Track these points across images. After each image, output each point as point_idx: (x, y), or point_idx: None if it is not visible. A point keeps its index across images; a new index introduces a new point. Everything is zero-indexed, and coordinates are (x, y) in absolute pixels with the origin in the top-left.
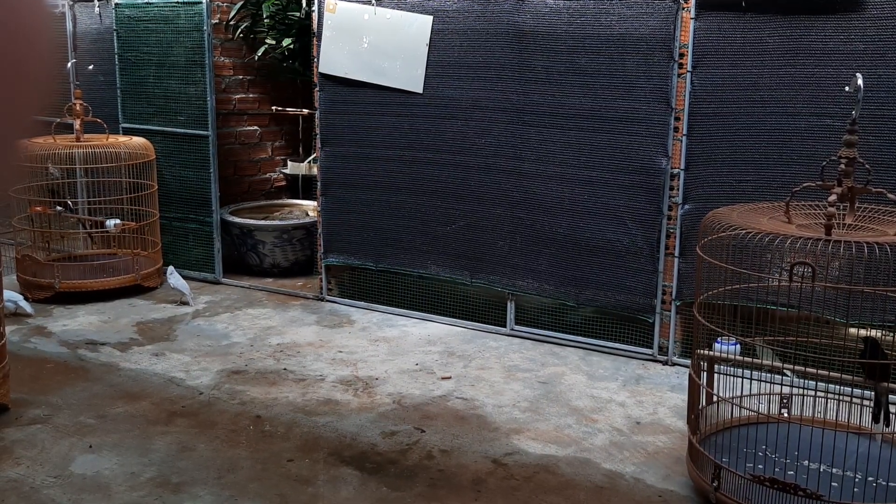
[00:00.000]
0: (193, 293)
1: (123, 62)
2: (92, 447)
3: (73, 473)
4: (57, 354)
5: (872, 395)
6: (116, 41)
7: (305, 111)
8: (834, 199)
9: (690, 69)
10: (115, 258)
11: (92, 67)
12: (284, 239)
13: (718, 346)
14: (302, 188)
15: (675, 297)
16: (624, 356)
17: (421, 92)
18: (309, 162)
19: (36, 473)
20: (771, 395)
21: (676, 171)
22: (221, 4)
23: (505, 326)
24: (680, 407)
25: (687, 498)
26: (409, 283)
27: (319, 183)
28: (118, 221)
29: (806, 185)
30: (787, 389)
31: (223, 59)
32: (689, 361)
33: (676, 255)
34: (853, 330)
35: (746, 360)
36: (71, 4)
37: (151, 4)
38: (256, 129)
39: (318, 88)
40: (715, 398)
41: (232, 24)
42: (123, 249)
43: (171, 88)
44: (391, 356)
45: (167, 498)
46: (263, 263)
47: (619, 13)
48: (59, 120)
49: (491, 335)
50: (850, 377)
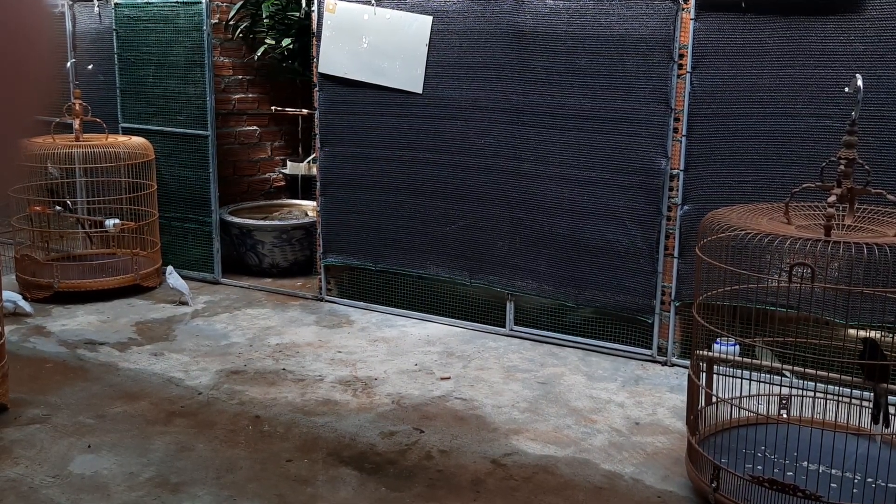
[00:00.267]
0: (192, 293)
1: (123, 62)
2: (91, 447)
3: (71, 473)
4: (56, 354)
5: (871, 396)
6: (116, 41)
7: (305, 111)
8: (833, 199)
9: (690, 70)
10: (114, 258)
11: (91, 67)
12: (284, 239)
13: (717, 346)
14: (301, 188)
15: (674, 297)
16: (623, 357)
17: (420, 92)
18: (308, 162)
19: (35, 473)
20: (770, 395)
21: (676, 171)
22: (221, 4)
23: (504, 327)
24: (679, 408)
25: (686, 499)
26: (408, 283)
27: (319, 183)
28: (117, 221)
29: (805, 185)
30: (786, 390)
31: (223, 58)
32: (688, 362)
33: (676, 255)
34: (852, 331)
35: (745, 360)
36: (70, 4)
37: (151, 4)
38: (256, 129)
39: (317, 88)
40: (714, 399)
41: (231, 23)
42: (122, 249)
43: (170, 88)
44: (390, 356)
45: (166, 498)
46: (262, 263)
47: (618, 14)
48: (58, 119)
49: (490, 335)
50: (849, 378)
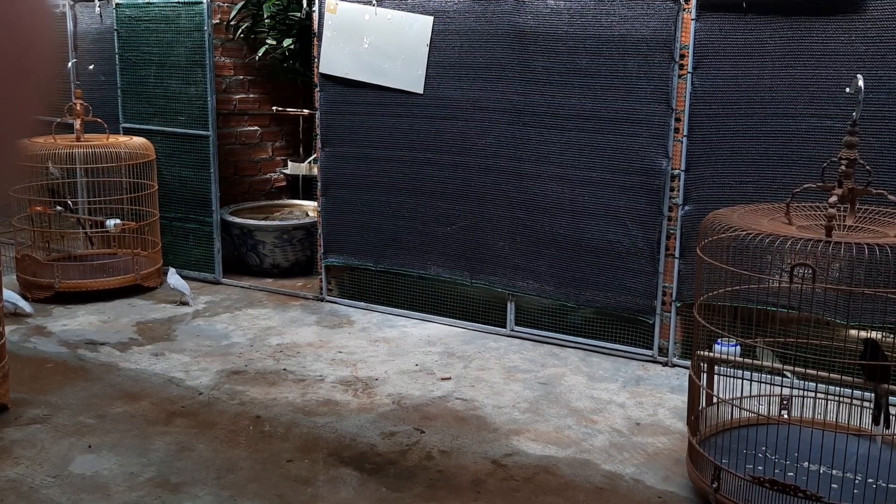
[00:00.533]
0: (193, 293)
1: (124, 62)
2: (91, 447)
3: (72, 473)
4: (56, 354)
5: (872, 396)
6: (117, 41)
7: (306, 111)
8: (834, 200)
9: (691, 70)
10: (115, 258)
11: (92, 67)
12: (284, 239)
13: (718, 347)
14: (302, 188)
15: (675, 298)
16: (624, 357)
17: (421, 92)
18: (309, 162)
19: (35, 473)
20: (771, 396)
21: (677, 172)
22: (222, 4)
23: (505, 327)
24: (680, 408)
25: (686, 499)
26: (409, 283)
27: (319, 183)
28: (118, 221)
29: (806, 186)
30: (787, 391)
31: (224, 59)
32: (689, 363)
33: (677, 256)
34: (853, 331)
35: (746, 361)
36: (72, 4)
37: (152, 4)
38: (257, 129)
39: (318, 89)
40: (715, 399)
41: (233, 24)
42: (123, 249)
43: (171, 88)
44: (391, 357)
45: (166, 498)
46: (263, 264)
47: (619, 14)
48: (59, 119)
49: (491, 336)
50: (850, 379)
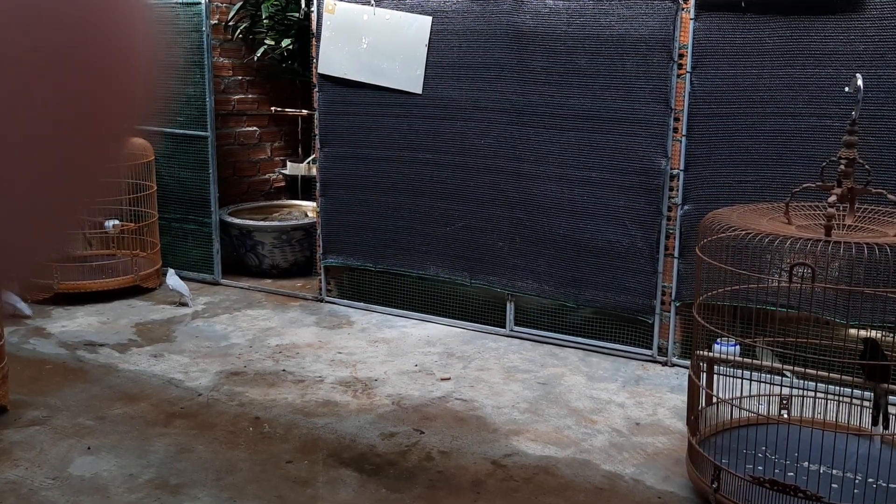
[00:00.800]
0: (192, 294)
1: None
2: (90, 449)
3: (71, 475)
4: (56, 355)
5: (872, 396)
6: None
7: (304, 112)
8: (834, 199)
9: (690, 70)
10: (113, 259)
11: None
12: (283, 240)
13: (718, 347)
14: (301, 189)
15: (674, 297)
16: (623, 357)
17: (420, 93)
18: (308, 163)
19: (34, 475)
20: (771, 396)
21: (676, 171)
22: (220, 5)
23: (504, 327)
24: (679, 408)
25: (686, 499)
26: (408, 283)
27: (318, 184)
28: (117, 222)
29: (806, 185)
30: (786, 391)
31: (222, 59)
32: (688, 362)
33: (676, 255)
34: (853, 331)
35: (746, 361)
36: None
37: (150, 5)
38: (255, 129)
39: (317, 89)
40: (714, 399)
41: (231, 24)
42: (122, 250)
43: (169, 89)
44: (390, 357)
45: (166, 499)
46: (262, 264)
47: (618, 14)
48: None
49: (490, 336)
50: (849, 378)
